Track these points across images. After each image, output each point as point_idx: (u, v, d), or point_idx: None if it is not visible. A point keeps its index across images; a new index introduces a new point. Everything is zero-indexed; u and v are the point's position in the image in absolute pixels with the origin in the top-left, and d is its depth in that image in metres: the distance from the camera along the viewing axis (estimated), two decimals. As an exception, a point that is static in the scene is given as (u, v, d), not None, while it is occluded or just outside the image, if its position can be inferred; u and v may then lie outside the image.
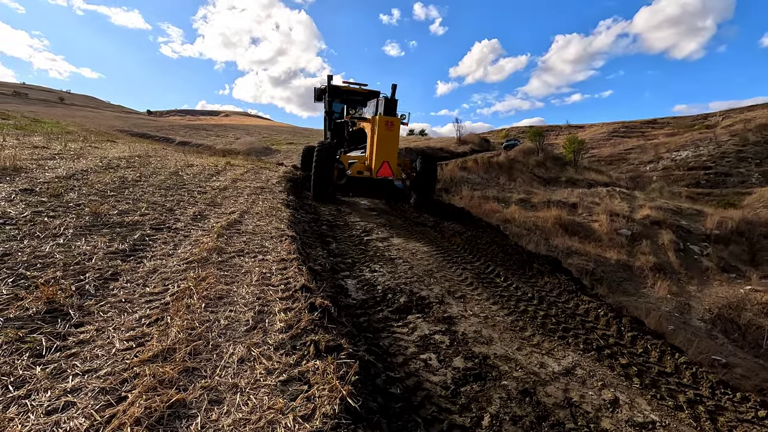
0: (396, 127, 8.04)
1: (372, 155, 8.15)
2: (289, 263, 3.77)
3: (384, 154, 8.04)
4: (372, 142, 8.19)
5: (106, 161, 7.32)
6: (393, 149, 8.11)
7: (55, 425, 1.61)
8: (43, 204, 4.21)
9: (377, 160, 8.02)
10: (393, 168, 8.16)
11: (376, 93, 12.01)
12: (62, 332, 2.23)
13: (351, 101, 12.12)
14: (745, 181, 30.96)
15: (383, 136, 7.96)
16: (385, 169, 8.11)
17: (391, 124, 7.94)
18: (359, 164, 8.41)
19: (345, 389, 1.96)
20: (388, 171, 8.13)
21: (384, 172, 8.13)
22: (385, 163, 8.06)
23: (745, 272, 13.47)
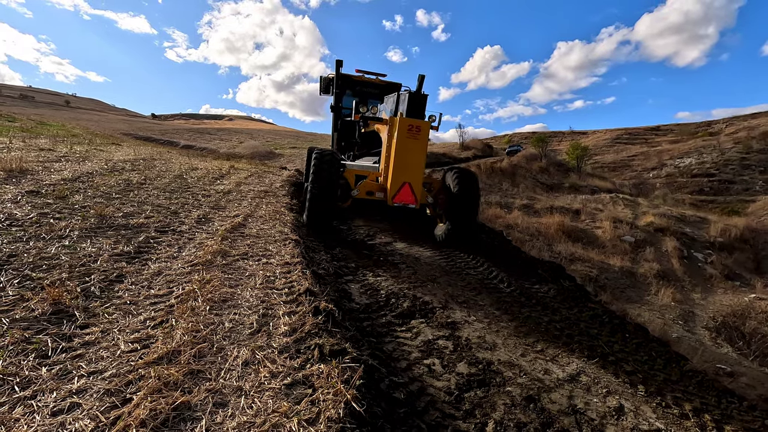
0: (423, 135, 5.53)
1: (388, 172, 5.72)
2: (293, 267, 3.77)
3: (405, 172, 5.57)
4: (389, 153, 5.75)
5: (111, 164, 7.37)
6: (418, 166, 5.62)
7: (60, 426, 1.61)
8: (49, 206, 4.24)
9: (395, 181, 5.58)
10: (417, 192, 5.68)
11: (396, 86, 9.62)
12: (68, 333, 2.23)
13: (365, 95, 9.61)
14: (749, 188, 30.83)
15: (404, 147, 5.47)
16: (406, 194, 5.65)
17: (417, 130, 5.45)
18: (369, 182, 5.97)
19: (349, 393, 1.96)
20: (409, 196, 5.65)
21: (404, 198, 5.65)
22: (406, 185, 5.61)
23: (750, 280, 13.38)
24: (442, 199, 6.43)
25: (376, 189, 5.92)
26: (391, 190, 5.60)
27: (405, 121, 5.46)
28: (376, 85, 9.66)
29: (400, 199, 5.65)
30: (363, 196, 5.94)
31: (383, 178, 5.88)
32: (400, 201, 5.66)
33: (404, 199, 5.65)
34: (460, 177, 6.21)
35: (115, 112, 74.60)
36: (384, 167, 5.86)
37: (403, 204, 5.64)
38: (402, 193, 5.63)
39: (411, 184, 5.62)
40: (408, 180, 5.60)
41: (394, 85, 9.66)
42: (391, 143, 5.70)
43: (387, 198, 5.69)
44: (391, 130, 5.69)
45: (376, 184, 5.96)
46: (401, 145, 5.47)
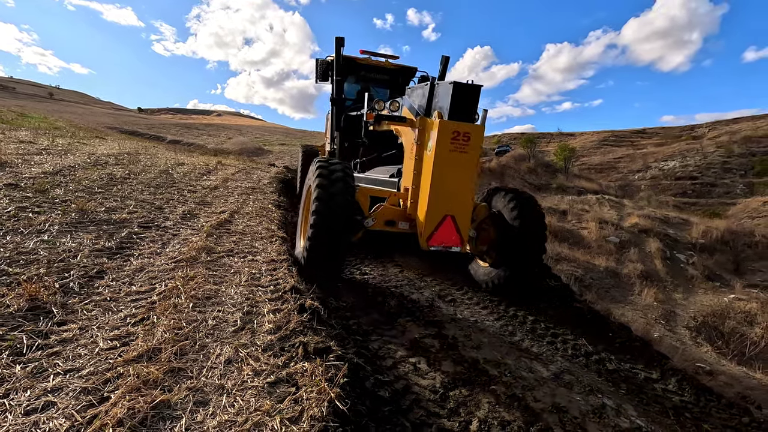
0: (474, 146, 3.73)
1: (419, 197, 3.97)
2: (279, 264, 3.74)
3: (446, 200, 3.78)
4: (418, 169, 4.01)
5: (94, 158, 7.21)
6: (465, 191, 3.84)
7: (33, 426, 1.57)
8: (28, 199, 4.13)
9: (432, 213, 3.77)
10: (464, 228, 3.88)
11: (410, 71, 7.70)
12: (44, 330, 2.17)
13: (371, 82, 7.78)
14: (730, 191, 31.58)
15: (447, 163, 3.69)
16: (447, 232, 3.84)
17: (466, 139, 3.68)
18: (390, 207, 4.27)
19: (333, 392, 1.94)
20: (452, 235, 3.85)
21: (444, 238, 3.84)
22: (447, 219, 3.81)
23: (729, 281, 13.71)
24: (489, 232, 4.58)
25: (399, 217, 4.17)
26: (425, 226, 3.73)
27: (448, 125, 3.59)
28: (385, 69, 7.66)
29: (439, 240, 3.77)
30: (380, 227, 4.14)
31: (410, 203, 4.07)
32: (440, 243, 3.78)
33: (445, 239, 3.78)
34: (519, 204, 4.41)
35: (100, 105, 73.19)
36: (412, 189, 4.04)
37: (443, 247, 3.78)
38: (442, 232, 3.76)
39: (455, 218, 3.76)
40: (451, 212, 3.74)
41: (407, 70, 7.71)
42: (422, 156, 3.93)
43: (418, 236, 3.86)
44: (423, 136, 3.93)
45: (398, 210, 4.19)
46: (442, 160, 3.61)
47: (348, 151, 7.17)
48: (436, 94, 3.95)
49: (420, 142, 3.97)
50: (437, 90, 3.95)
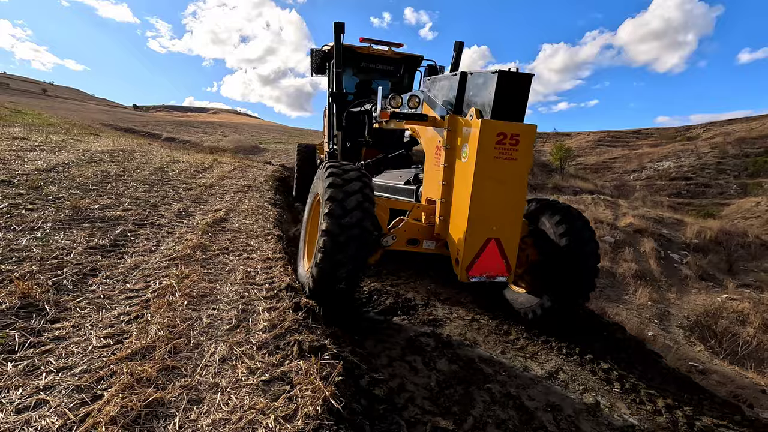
0: (524, 151, 2.99)
1: (456, 219, 3.25)
2: (275, 262, 3.73)
3: (490, 219, 3.06)
4: (449, 179, 3.35)
5: (88, 155, 7.16)
6: (514, 207, 3.12)
7: (25, 424, 1.55)
8: (21, 196, 4.09)
9: (473, 237, 3.04)
10: (511, 254, 3.16)
11: (416, 60, 6.93)
12: (37, 328, 2.16)
13: (373, 73, 6.97)
14: (724, 192, 31.81)
15: (491, 174, 2.97)
16: (491, 259, 3.12)
17: (514, 142, 2.96)
18: (412, 223, 3.59)
19: (328, 390, 1.94)
20: (496, 263, 3.14)
21: (488, 266, 3.12)
22: (491, 243, 3.09)
23: (722, 281, 13.82)
24: (527, 252, 3.79)
25: (423, 234, 3.53)
26: (464, 252, 3.00)
27: (492, 126, 2.85)
28: (387, 59, 6.84)
29: (481, 269, 3.05)
30: (402, 247, 3.52)
31: (439, 220, 3.41)
32: (482, 272, 3.06)
33: (489, 267, 3.06)
34: (568, 221, 3.62)
35: (95, 102, 72.62)
36: (441, 203, 3.37)
37: (486, 277, 3.08)
38: (485, 259, 3.04)
39: (501, 242, 3.04)
40: (496, 234, 3.02)
41: (412, 59, 6.92)
42: (453, 163, 3.24)
43: (453, 264, 3.21)
44: (453, 139, 3.24)
45: (423, 227, 3.55)
46: (485, 170, 2.89)
47: (350, 151, 6.41)
48: (470, 86, 3.24)
49: (450, 145, 3.23)
50: (471, 81, 3.23)
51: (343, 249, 2.91)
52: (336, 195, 3.03)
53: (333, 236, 2.89)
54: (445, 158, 3.30)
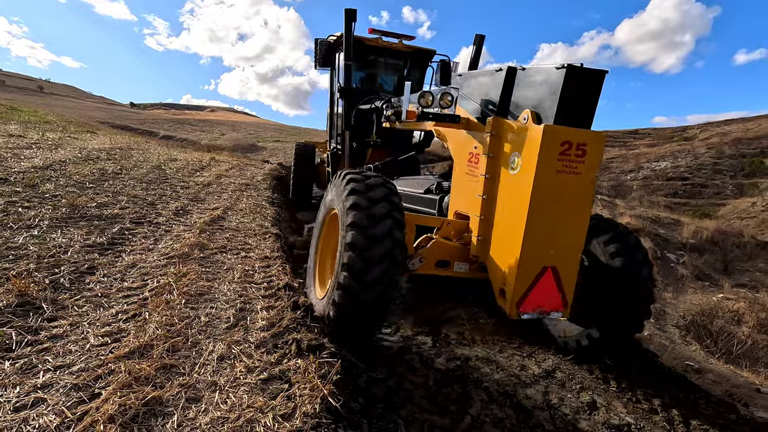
0: (591, 163, 2.51)
1: (501, 242, 2.77)
2: (273, 261, 3.73)
3: (548, 244, 2.56)
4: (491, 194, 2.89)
5: (85, 152, 7.13)
6: (576, 229, 2.61)
7: (23, 422, 1.55)
8: (18, 194, 4.07)
9: (527, 265, 2.55)
10: (569, 286, 2.67)
11: (428, 54, 6.50)
12: (34, 326, 2.15)
13: (382, 67, 6.52)
14: (720, 192, 31.95)
15: (551, 190, 2.47)
16: (547, 291, 2.62)
17: (581, 153, 2.44)
18: (442, 243, 3.14)
19: (326, 389, 1.94)
20: (553, 297, 2.65)
21: (543, 300, 2.63)
22: (548, 273, 2.59)
23: (718, 281, 13.90)
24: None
25: (455, 256, 3.08)
26: (515, 284, 2.53)
27: (556, 133, 2.39)
28: (397, 52, 6.33)
29: (535, 304, 2.59)
30: (430, 270, 3.07)
31: (476, 240, 2.95)
32: (536, 308, 2.60)
33: (543, 301, 2.60)
34: (619, 241, 3.18)
35: (92, 100, 72.27)
36: (480, 220, 2.91)
37: (539, 313, 2.62)
38: (540, 291, 2.58)
39: (558, 271, 2.58)
40: (553, 262, 2.56)
41: (424, 54, 6.47)
42: (498, 175, 2.78)
43: (497, 296, 2.73)
44: (497, 145, 2.79)
45: (455, 247, 3.09)
46: (546, 186, 2.43)
47: (355, 152, 5.95)
48: (521, 83, 2.74)
49: (494, 153, 2.77)
50: (524, 78, 2.72)
51: (368, 281, 2.45)
52: (360, 220, 2.54)
53: (357, 274, 2.44)
54: (486, 168, 2.81)
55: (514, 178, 2.60)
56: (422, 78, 6.71)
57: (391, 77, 6.64)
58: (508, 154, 2.67)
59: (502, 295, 2.65)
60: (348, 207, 2.62)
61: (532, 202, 2.41)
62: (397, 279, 2.59)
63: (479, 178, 2.91)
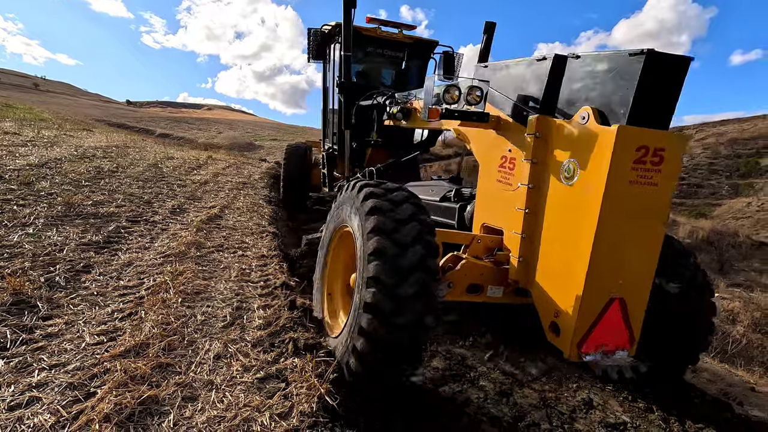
0: (670, 173, 2.02)
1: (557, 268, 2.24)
2: (270, 260, 3.72)
3: (617, 271, 2.06)
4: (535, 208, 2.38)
5: (81, 150, 7.09)
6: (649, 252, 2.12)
7: (18, 421, 1.54)
8: (13, 192, 4.05)
9: (591, 297, 2.04)
10: (636, 321, 2.17)
11: (429, 45, 6.07)
12: (29, 325, 2.14)
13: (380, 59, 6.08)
14: (716, 192, 32.14)
15: (622, 206, 1.97)
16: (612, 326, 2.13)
17: (658, 160, 1.95)
18: (472, 263, 2.58)
19: (323, 387, 1.94)
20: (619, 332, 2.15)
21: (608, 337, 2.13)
22: (615, 305, 2.09)
23: (714, 280, 14.00)
24: None
25: (488, 278, 2.63)
26: (578, 319, 2.08)
27: (632, 136, 1.93)
28: (397, 43, 5.87)
29: (598, 342, 2.15)
30: (459, 297, 2.60)
31: (517, 260, 2.48)
32: (599, 346, 2.17)
33: (608, 338, 2.17)
34: (677, 262, 2.84)
35: (88, 97, 71.92)
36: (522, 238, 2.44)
37: (602, 354, 2.18)
38: (604, 327, 2.16)
39: (626, 303, 2.16)
40: (621, 292, 2.13)
41: (426, 45, 6.02)
42: (545, 184, 2.33)
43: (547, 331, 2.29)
44: (542, 150, 2.34)
45: (487, 267, 2.61)
46: (617, 200, 1.98)
47: (355, 153, 5.52)
48: (575, 74, 2.25)
49: (539, 159, 2.31)
50: (580, 67, 2.22)
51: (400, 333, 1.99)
52: (386, 247, 2.05)
53: (384, 317, 1.97)
54: (529, 176, 2.34)
55: (569, 191, 2.12)
56: (423, 71, 6.30)
57: (389, 71, 6.20)
58: (559, 161, 2.19)
59: (554, 330, 2.20)
60: (369, 230, 2.13)
61: (601, 219, 1.94)
62: (433, 318, 2.07)
63: (517, 188, 2.44)
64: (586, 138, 2.05)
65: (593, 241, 1.96)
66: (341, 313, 2.71)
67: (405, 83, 6.10)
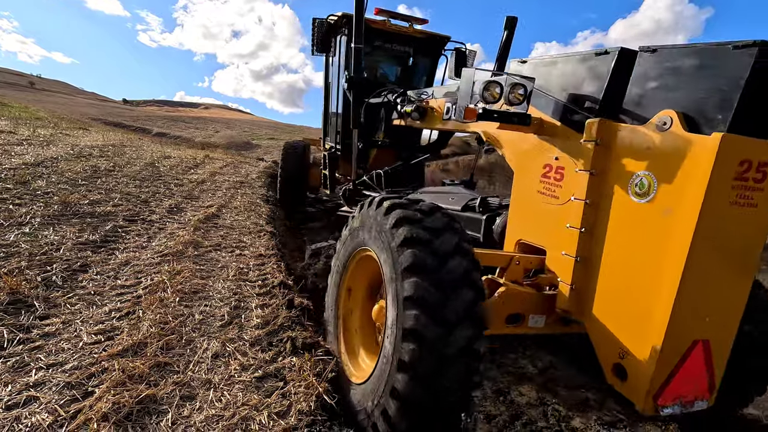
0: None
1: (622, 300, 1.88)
2: (267, 259, 3.72)
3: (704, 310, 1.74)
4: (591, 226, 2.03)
5: (77, 149, 7.06)
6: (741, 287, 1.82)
7: (15, 420, 1.54)
8: (9, 191, 4.03)
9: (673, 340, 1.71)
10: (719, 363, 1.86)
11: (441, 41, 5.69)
12: (26, 324, 2.13)
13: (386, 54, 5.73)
14: None
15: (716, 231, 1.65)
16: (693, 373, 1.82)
17: (761, 176, 1.63)
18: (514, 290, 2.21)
19: (321, 386, 1.95)
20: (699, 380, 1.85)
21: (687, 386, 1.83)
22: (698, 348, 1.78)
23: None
24: None
25: (530, 307, 2.29)
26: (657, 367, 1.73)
27: (737, 147, 1.58)
28: (408, 38, 5.49)
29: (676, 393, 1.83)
30: (500, 330, 2.25)
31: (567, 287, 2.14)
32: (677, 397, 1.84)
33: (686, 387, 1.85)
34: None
35: (84, 96, 71.57)
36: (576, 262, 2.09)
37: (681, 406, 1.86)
38: (685, 375, 1.82)
39: (710, 346, 1.84)
40: (705, 333, 1.81)
41: (438, 41, 5.64)
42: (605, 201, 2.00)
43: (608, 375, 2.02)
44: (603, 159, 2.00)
45: (530, 294, 2.29)
46: (712, 225, 1.64)
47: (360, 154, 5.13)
48: (651, 71, 1.87)
49: (598, 169, 1.98)
50: (656, 63, 1.86)
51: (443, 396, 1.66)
52: (427, 293, 1.65)
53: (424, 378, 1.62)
54: (587, 189, 1.99)
55: (642, 209, 1.79)
56: (433, 69, 5.94)
57: (395, 67, 5.80)
58: (628, 173, 1.86)
59: (619, 374, 1.89)
60: (405, 268, 1.72)
61: (694, 247, 1.61)
62: (480, 375, 1.73)
63: (567, 202, 2.11)
64: (669, 147, 1.71)
65: (682, 273, 1.62)
66: (362, 352, 2.28)
67: (410, 81, 5.83)
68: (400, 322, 1.68)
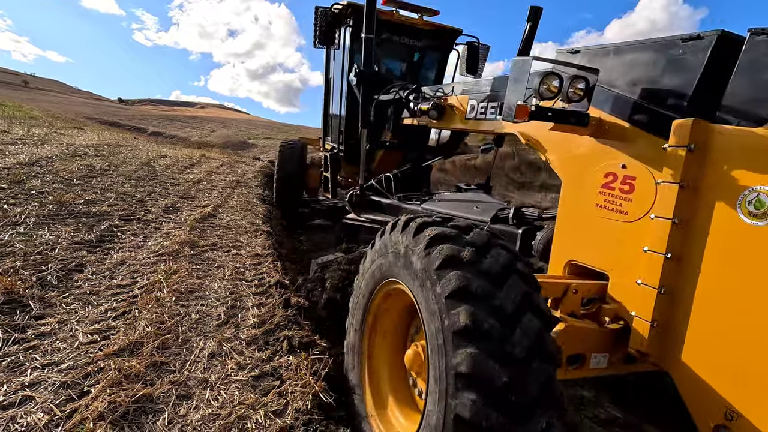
0: None
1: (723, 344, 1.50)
2: (264, 258, 3.72)
3: None
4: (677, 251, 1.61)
5: (72, 149, 7.02)
6: None
7: (11, 420, 1.53)
8: (3, 190, 4.01)
9: None
10: None
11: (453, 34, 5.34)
12: (21, 324, 2.13)
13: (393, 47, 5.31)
14: (707, 191, 32.57)
15: None
16: None
17: None
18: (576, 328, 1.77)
19: (318, 385, 1.95)
20: None
21: None
22: None
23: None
24: None
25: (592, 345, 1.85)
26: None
27: None
28: (417, 30, 5.13)
29: None
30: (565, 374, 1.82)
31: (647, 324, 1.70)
32: None
33: None
34: None
35: (78, 95, 71.12)
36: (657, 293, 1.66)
37: None
38: None
39: None
40: None
41: (449, 34, 5.31)
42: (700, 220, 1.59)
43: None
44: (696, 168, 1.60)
45: (590, 330, 1.84)
46: None
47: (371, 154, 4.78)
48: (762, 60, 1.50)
49: (689, 181, 1.62)
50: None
51: None
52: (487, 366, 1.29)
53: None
54: (675, 205, 1.63)
55: (757, 232, 1.45)
56: (443, 64, 5.55)
57: (401, 62, 5.43)
58: (739, 186, 1.51)
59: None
60: (459, 328, 1.33)
61: None
62: None
63: (639, 218, 1.79)
64: None
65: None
66: (395, 407, 1.88)
67: (417, 76, 5.46)
68: (451, 399, 1.32)
